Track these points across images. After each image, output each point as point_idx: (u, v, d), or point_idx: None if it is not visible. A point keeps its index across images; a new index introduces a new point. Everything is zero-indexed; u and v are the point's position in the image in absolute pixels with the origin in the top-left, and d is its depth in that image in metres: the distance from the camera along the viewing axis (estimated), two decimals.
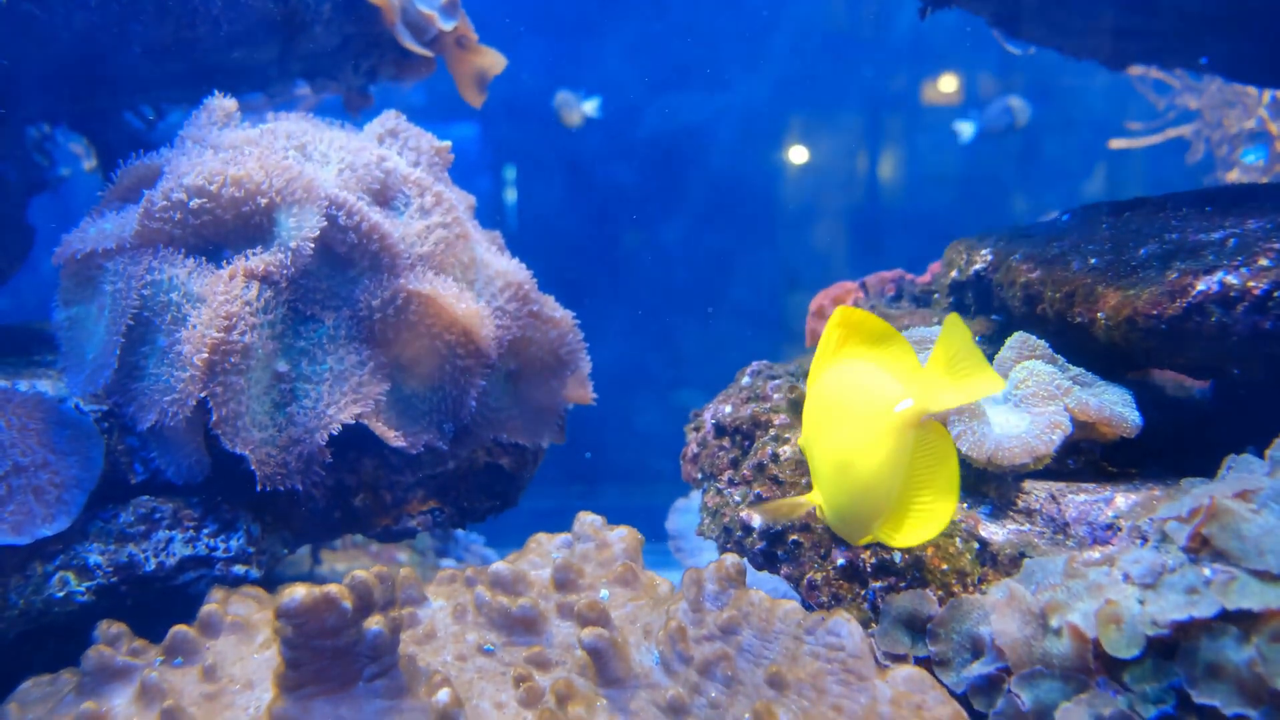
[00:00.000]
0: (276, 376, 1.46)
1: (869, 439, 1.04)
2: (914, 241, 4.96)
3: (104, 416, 1.48)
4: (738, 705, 1.08)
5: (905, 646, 1.16)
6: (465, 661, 1.20)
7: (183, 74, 2.07)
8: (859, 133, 5.09)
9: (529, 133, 4.96)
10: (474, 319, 1.57)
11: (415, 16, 2.21)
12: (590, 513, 1.40)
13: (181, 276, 1.43)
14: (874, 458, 1.03)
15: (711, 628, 1.15)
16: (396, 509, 1.70)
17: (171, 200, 1.45)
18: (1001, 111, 4.25)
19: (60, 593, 1.38)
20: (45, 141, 2.50)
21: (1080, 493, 1.22)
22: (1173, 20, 1.89)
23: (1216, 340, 1.20)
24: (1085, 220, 1.61)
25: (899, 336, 1.06)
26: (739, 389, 1.67)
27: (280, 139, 1.61)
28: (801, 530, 1.34)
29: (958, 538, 1.21)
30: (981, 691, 1.06)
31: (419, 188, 1.66)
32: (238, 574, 1.49)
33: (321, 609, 1.00)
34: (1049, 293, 1.42)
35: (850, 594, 1.26)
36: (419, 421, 1.61)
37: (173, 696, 1.14)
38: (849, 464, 1.06)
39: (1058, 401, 1.26)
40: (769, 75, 5.13)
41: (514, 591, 1.28)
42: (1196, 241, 1.29)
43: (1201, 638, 0.93)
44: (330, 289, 1.53)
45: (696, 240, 5.10)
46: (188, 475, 1.47)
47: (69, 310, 1.53)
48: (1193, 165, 3.76)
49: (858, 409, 1.06)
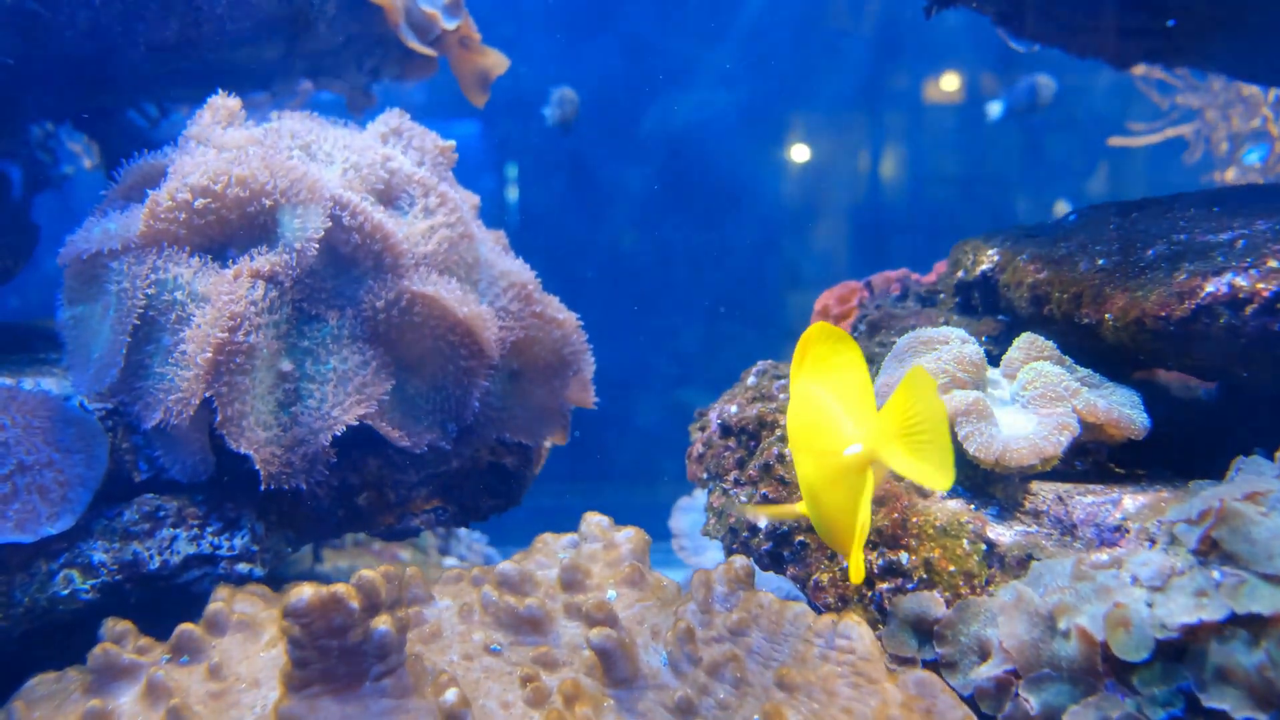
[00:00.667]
0: (281, 376, 1.45)
1: (826, 474, 1.06)
2: (917, 241, 4.96)
3: (108, 415, 1.48)
4: (746, 707, 1.07)
5: (912, 649, 1.16)
6: (472, 661, 1.19)
7: (187, 72, 2.07)
8: (862, 131, 5.08)
9: (530, 131, 4.95)
10: (477, 320, 1.57)
11: (419, 16, 2.21)
12: (597, 513, 1.39)
13: (186, 276, 1.43)
14: (833, 492, 1.05)
15: (720, 629, 1.15)
16: (400, 507, 1.70)
17: (176, 200, 1.45)
18: (1028, 89, 4.25)
19: (65, 590, 1.38)
20: (49, 140, 2.49)
21: (1088, 494, 1.22)
22: (1178, 19, 1.89)
23: (1225, 342, 1.19)
24: (1092, 221, 1.61)
25: (862, 368, 1.08)
26: (744, 388, 1.67)
27: (285, 138, 1.61)
28: (808, 531, 1.33)
29: (965, 539, 1.21)
30: (989, 694, 1.06)
31: (423, 187, 1.65)
32: (242, 572, 1.49)
33: (329, 608, 1.00)
34: (1056, 293, 1.41)
35: (857, 595, 1.26)
36: (422, 421, 1.60)
37: (179, 695, 1.13)
38: (815, 493, 1.09)
39: (1065, 403, 1.26)
40: (772, 74, 5.13)
41: (521, 591, 1.27)
42: (1205, 242, 1.29)
43: (1211, 641, 0.93)
44: (334, 289, 1.53)
45: (699, 239, 5.09)
46: (192, 474, 1.47)
47: (73, 309, 1.53)
48: (1191, 165, 3.75)
49: (816, 443, 1.08)
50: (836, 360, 1.09)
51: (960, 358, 1.34)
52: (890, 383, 1.38)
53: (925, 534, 1.23)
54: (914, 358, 1.39)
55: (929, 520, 1.24)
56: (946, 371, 1.32)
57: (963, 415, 1.25)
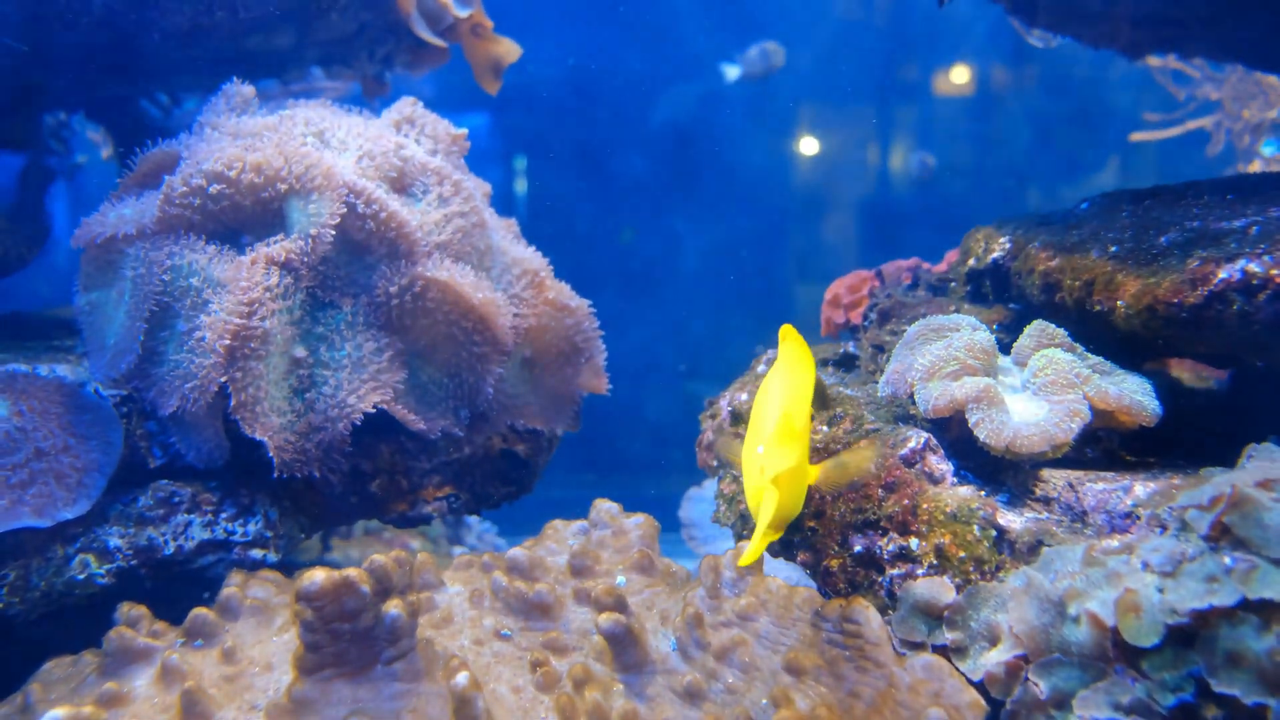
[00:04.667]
0: (294, 362, 1.46)
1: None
2: (926, 231, 4.94)
3: (122, 401, 1.49)
4: (755, 691, 1.08)
5: (922, 634, 1.16)
6: (482, 646, 1.20)
7: (200, 60, 2.07)
8: (872, 122, 5.06)
9: (540, 122, 4.95)
10: (491, 307, 1.57)
11: (431, 4, 2.21)
12: (606, 499, 1.40)
13: (202, 262, 1.43)
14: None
15: (729, 614, 1.16)
16: (413, 494, 1.71)
17: (192, 186, 1.45)
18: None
19: (81, 575, 1.39)
20: (62, 129, 2.51)
21: (1098, 481, 1.21)
22: (1194, 6, 1.87)
23: (1238, 329, 1.19)
24: (1105, 208, 1.60)
25: (803, 389, 1.20)
26: (755, 377, 1.67)
27: (299, 126, 1.61)
28: (816, 517, 1.34)
29: (975, 525, 1.21)
30: (999, 679, 1.06)
31: (437, 176, 1.66)
32: (255, 558, 1.50)
33: (341, 592, 1.01)
34: (1068, 281, 1.41)
35: (867, 581, 1.26)
36: (436, 407, 1.61)
37: (193, 678, 1.14)
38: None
39: (1077, 390, 1.25)
40: (783, 65, 5.11)
41: (531, 577, 1.28)
42: (1218, 229, 1.28)
43: (1222, 626, 0.93)
44: (348, 275, 1.53)
45: (709, 230, 5.09)
46: (208, 459, 1.48)
47: (89, 295, 1.54)
48: (1213, 157, 3.71)
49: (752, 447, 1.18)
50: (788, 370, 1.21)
51: (971, 345, 1.33)
52: (901, 370, 1.38)
53: (936, 520, 1.23)
54: (925, 345, 1.39)
55: (939, 506, 1.24)
56: (957, 359, 1.32)
57: (973, 402, 1.25)
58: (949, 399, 1.26)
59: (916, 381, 1.34)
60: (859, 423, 1.42)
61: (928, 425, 1.37)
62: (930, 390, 1.30)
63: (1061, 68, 4.74)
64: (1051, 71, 4.77)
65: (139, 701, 1.15)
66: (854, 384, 1.65)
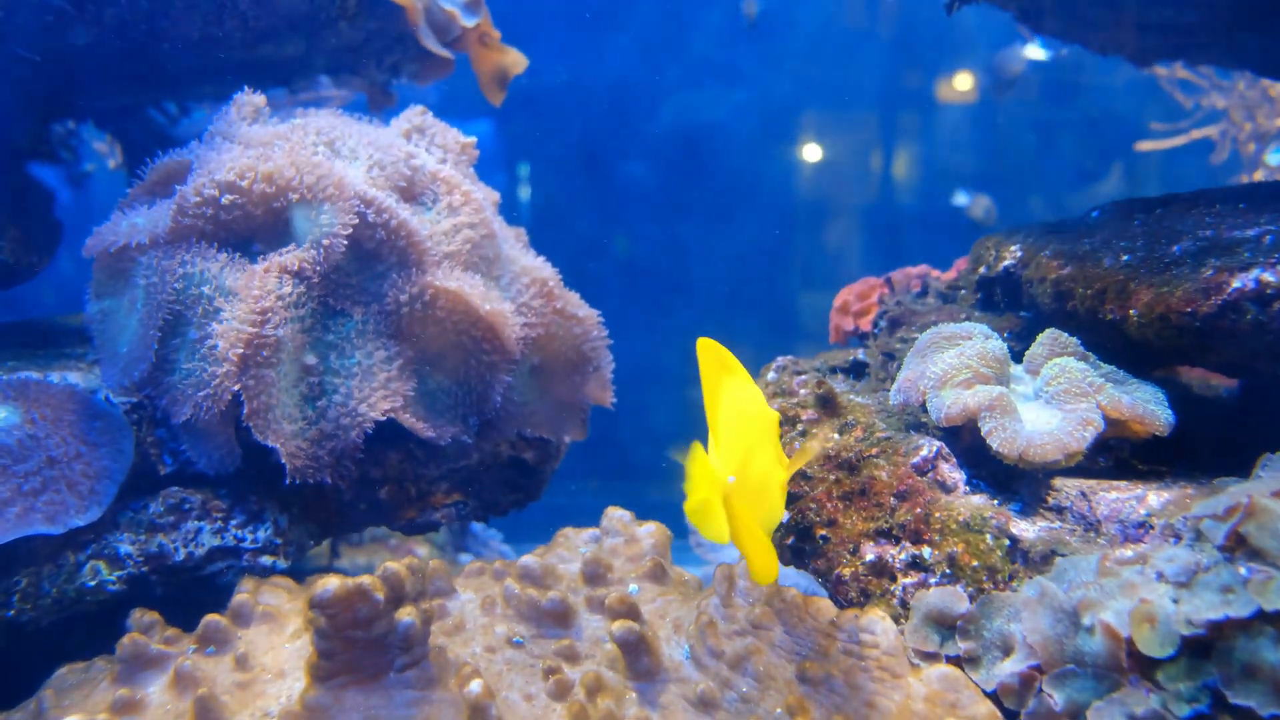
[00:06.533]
0: (305, 370, 1.47)
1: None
2: (933, 239, 4.94)
3: (132, 409, 1.49)
4: (769, 700, 1.08)
5: (935, 644, 1.16)
6: (494, 653, 1.20)
7: (209, 69, 2.08)
8: (877, 129, 5.07)
9: (545, 129, 4.96)
10: (499, 316, 1.58)
11: (439, 15, 2.22)
12: (619, 507, 1.40)
13: (214, 270, 1.44)
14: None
15: (743, 623, 1.16)
16: (421, 501, 1.71)
17: (205, 196, 1.46)
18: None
19: (92, 581, 1.39)
20: (70, 138, 2.51)
21: (1112, 490, 1.21)
22: (1201, 14, 1.87)
23: (1251, 338, 1.19)
24: (1116, 217, 1.60)
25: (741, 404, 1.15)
26: (765, 384, 1.67)
27: (310, 135, 1.62)
28: (829, 525, 1.34)
29: (988, 534, 1.21)
30: (1013, 690, 1.05)
31: (447, 185, 1.66)
32: (265, 565, 1.50)
33: (355, 600, 1.01)
34: (1080, 289, 1.41)
35: (880, 590, 1.26)
36: (444, 415, 1.61)
37: (206, 685, 1.15)
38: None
39: (1090, 398, 1.25)
40: (786, 71, 5.12)
41: (543, 584, 1.28)
42: (1231, 238, 1.28)
43: (1238, 637, 0.92)
44: (359, 284, 1.54)
45: (715, 237, 5.09)
46: (219, 466, 1.48)
47: (101, 303, 1.55)
48: (1217, 166, 3.71)
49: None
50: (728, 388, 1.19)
51: (984, 353, 1.33)
52: (913, 378, 1.38)
53: (948, 529, 1.23)
54: (937, 353, 1.39)
55: (952, 515, 1.24)
56: (970, 367, 1.32)
57: (986, 410, 1.25)
58: (962, 407, 1.26)
59: (929, 389, 1.34)
60: (870, 431, 1.42)
61: (940, 433, 1.37)
62: (943, 398, 1.30)
63: (1068, 74, 4.74)
64: (1056, 77, 4.77)
65: (153, 708, 1.15)
66: (864, 391, 1.65)
